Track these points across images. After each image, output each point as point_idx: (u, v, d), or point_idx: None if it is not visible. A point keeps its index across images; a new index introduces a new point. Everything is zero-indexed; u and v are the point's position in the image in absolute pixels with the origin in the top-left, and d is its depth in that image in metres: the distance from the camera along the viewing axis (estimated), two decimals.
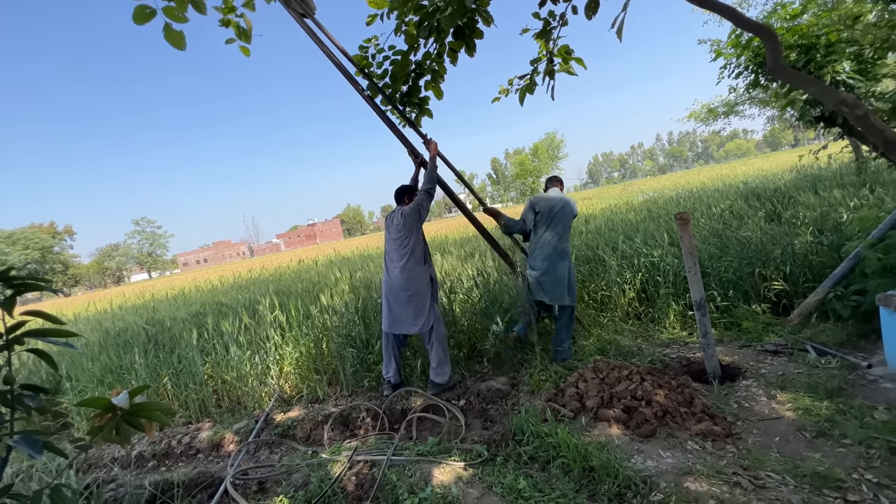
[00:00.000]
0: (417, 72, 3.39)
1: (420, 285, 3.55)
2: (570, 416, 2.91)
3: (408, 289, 3.53)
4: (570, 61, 3.05)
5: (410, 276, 3.53)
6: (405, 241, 3.54)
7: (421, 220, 3.57)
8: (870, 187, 5.90)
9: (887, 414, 2.35)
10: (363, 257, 11.00)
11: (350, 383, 4.16)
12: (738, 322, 3.83)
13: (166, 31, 1.77)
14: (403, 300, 3.56)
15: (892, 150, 1.69)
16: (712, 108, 11.08)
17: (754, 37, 3.66)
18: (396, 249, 3.59)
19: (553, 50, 3.09)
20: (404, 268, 3.54)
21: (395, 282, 3.59)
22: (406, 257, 3.53)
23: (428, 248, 3.72)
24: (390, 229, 3.70)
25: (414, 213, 3.54)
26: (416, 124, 3.72)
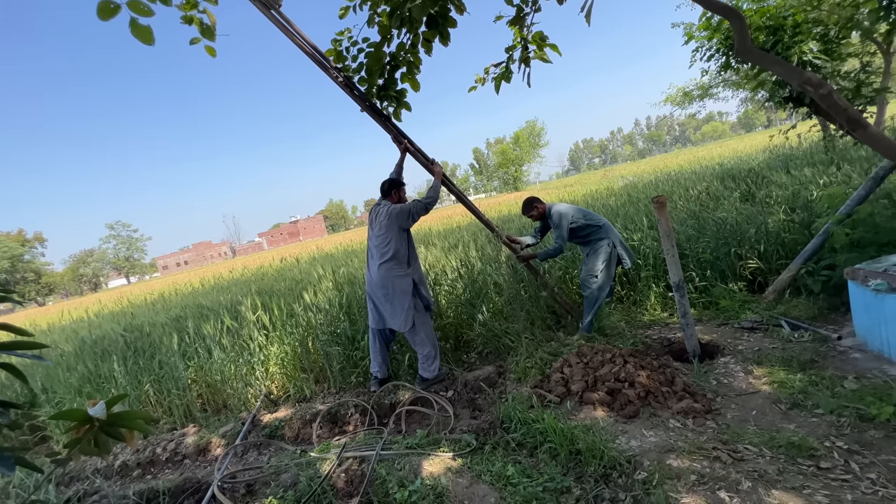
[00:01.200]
0: (392, 64, 3.32)
1: (399, 287, 3.49)
2: (556, 401, 2.95)
3: (385, 287, 3.50)
4: (544, 48, 3.03)
5: (388, 276, 3.49)
6: (386, 241, 3.50)
7: (408, 225, 3.53)
8: (837, 164, 6.09)
9: (856, 383, 2.45)
10: (347, 253, 10.90)
11: (337, 380, 4.13)
12: (716, 301, 3.93)
13: (133, 27, 1.69)
14: (382, 298, 3.55)
15: (854, 127, 1.73)
16: (687, 92, 11.25)
17: (724, 19, 3.69)
18: (377, 247, 3.55)
19: (527, 37, 3.06)
20: (381, 267, 3.51)
21: (374, 279, 3.57)
22: (386, 257, 3.49)
23: (413, 251, 3.66)
24: (373, 225, 3.66)
25: (402, 216, 3.49)
26: (396, 118, 3.65)
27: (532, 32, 2.98)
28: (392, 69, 3.34)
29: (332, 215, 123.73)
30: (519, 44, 3.05)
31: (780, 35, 3.38)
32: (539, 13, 2.95)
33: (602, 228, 3.84)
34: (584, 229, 3.85)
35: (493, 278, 4.61)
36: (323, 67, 3.20)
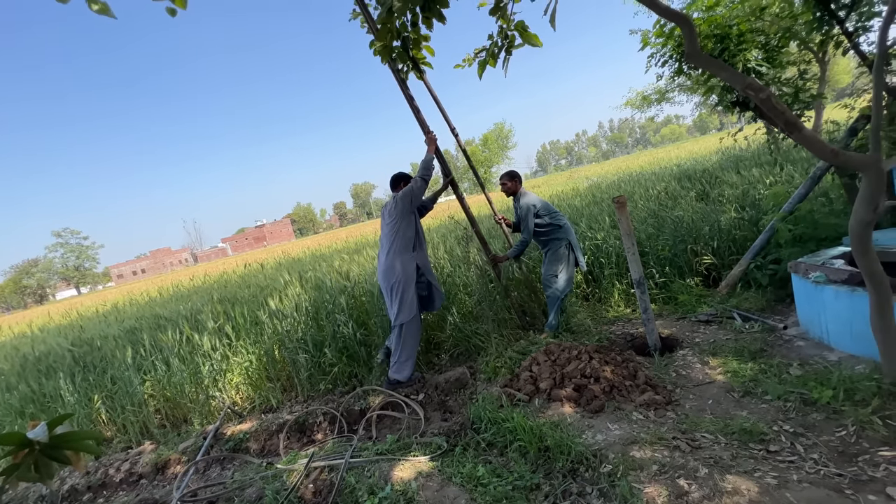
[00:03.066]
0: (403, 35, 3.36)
1: (404, 275, 3.48)
2: (525, 400, 2.98)
3: (389, 277, 3.50)
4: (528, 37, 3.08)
5: (394, 262, 3.49)
6: (395, 227, 3.52)
7: (413, 205, 3.55)
8: (780, 165, 6.51)
9: (800, 369, 2.61)
10: (315, 258, 10.66)
11: (305, 388, 4.03)
12: (675, 296, 4.10)
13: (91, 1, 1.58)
14: (386, 287, 3.55)
15: (791, 130, 1.85)
16: (646, 96, 11.74)
17: (676, 27, 3.87)
18: (387, 235, 3.58)
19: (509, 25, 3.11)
20: (388, 254, 3.53)
21: (381, 269, 3.59)
22: (392, 242, 3.51)
23: (421, 236, 3.66)
24: (384, 217, 3.69)
25: (406, 196, 3.53)
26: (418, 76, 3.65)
27: (514, 22, 3.02)
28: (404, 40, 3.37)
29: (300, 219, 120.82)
30: (501, 33, 3.08)
31: (726, 43, 3.58)
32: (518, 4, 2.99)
33: (562, 229, 3.92)
34: (546, 227, 3.92)
35: (462, 279, 4.63)
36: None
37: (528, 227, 3.84)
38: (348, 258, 7.54)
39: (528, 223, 3.84)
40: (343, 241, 15.59)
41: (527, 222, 3.84)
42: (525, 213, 3.84)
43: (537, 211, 3.86)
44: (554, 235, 3.92)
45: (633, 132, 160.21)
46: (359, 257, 7.12)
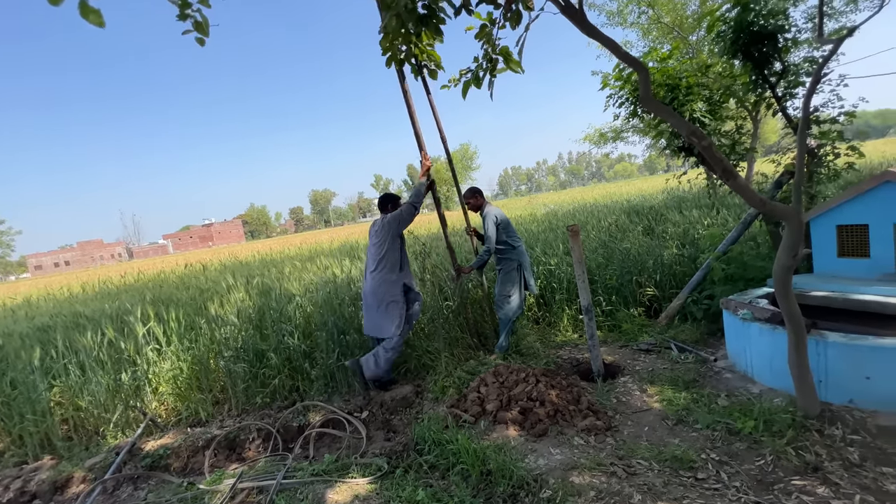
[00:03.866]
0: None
1: (391, 294, 3.56)
2: (470, 421, 2.96)
3: (376, 295, 3.56)
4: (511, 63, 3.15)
5: (380, 282, 3.56)
6: (381, 248, 3.59)
7: (400, 229, 3.63)
8: (717, 209, 7.09)
9: (727, 400, 2.78)
10: (265, 262, 10.18)
11: (240, 401, 3.77)
12: (619, 324, 4.28)
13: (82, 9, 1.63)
14: (373, 306, 3.58)
15: (727, 177, 2.02)
16: (603, 133, 12.44)
17: (634, 72, 4.16)
18: (373, 255, 3.66)
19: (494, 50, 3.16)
20: (374, 274, 3.59)
21: (367, 287, 3.63)
22: (378, 263, 3.58)
23: (406, 257, 3.74)
24: (371, 235, 3.76)
25: (394, 220, 3.61)
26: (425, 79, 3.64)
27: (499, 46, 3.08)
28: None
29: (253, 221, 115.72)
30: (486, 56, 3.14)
31: (676, 93, 3.89)
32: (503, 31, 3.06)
33: (515, 251, 3.99)
34: (501, 244, 3.97)
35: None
36: None
37: (488, 235, 3.88)
38: (300, 266, 7.27)
39: (488, 231, 3.88)
40: (297, 247, 15.04)
41: (487, 231, 3.89)
42: (488, 225, 3.90)
43: (498, 223, 3.92)
44: (506, 255, 3.98)
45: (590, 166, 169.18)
46: (312, 265, 6.88)
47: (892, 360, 2.30)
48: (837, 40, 1.89)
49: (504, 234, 3.95)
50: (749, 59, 3.77)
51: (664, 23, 9.37)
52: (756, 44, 3.69)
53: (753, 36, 3.66)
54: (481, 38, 3.09)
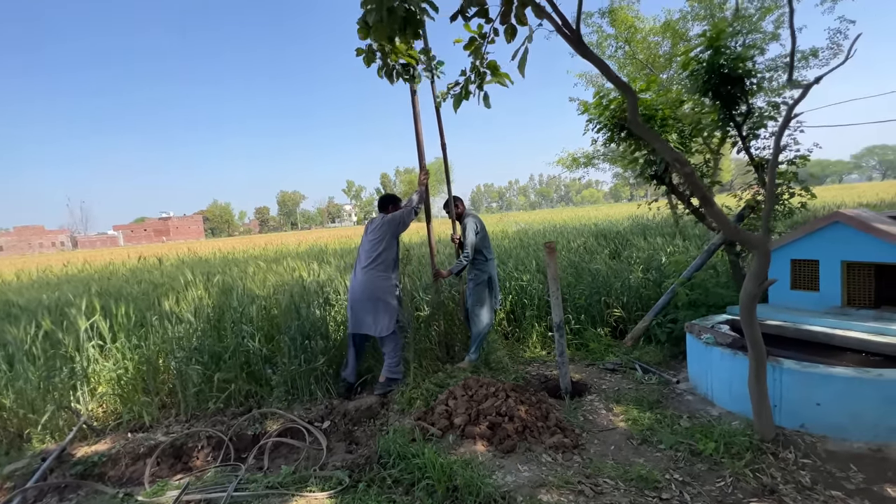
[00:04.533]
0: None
1: (381, 291, 3.57)
2: (438, 435, 2.88)
3: (366, 290, 3.56)
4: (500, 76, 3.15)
5: (372, 278, 3.57)
6: (378, 245, 3.62)
7: (399, 230, 3.70)
8: (681, 237, 7.44)
9: (689, 421, 2.86)
10: (226, 261, 9.73)
11: (190, 406, 3.52)
12: (587, 343, 4.35)
13: None
14: (363, 300, 3.56)
15: (706, 204, 2.10)
16: (576, 158, 12.86)
17: (613, 100, 4.32)
18: (367, 251, 3.67)
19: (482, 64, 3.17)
20: (366, 270, 3.60)
21: (357, 282, 3.62)
22: (372, 260, 3.60)
23: (398, 259, 3.79)
24: (368, 231, 3.77)
25: (395, 220, 3.68)
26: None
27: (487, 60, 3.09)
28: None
29: (215, 218, 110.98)
30: (474, 69, 3.14)
31: (651, 123, 4.07)
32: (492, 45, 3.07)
33: (488, 263, 4.01)
34: (477, 254, 3.97)
35: None
36: None
37: (468, 242, 3.88)
38: (265, 266, 6.98)
39: (468, 238, 3.88)
40: (261, 247, 14.51)
41: (467, 237, 3.89)
42: (468, 231, 3.90)
43: (477, 231, 3.94)
44: (478, 267, 3.98)
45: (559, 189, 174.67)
46: (277, 267, 6.62)
47: (840, 389, 2.44)
48: (807, 85, 2.03)
49: (480, 244, 3.96)
50: (718, 98, 4.01)
51: (639, 59, 9.88)
52: (725, 85, 3.94)
53: (723, 77, 3.91)
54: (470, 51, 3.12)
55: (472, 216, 4.03)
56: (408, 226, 3.77)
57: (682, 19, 9.98)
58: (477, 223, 3.97)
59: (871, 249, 3.14)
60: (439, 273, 4.03)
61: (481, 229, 3.99)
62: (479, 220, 4.02)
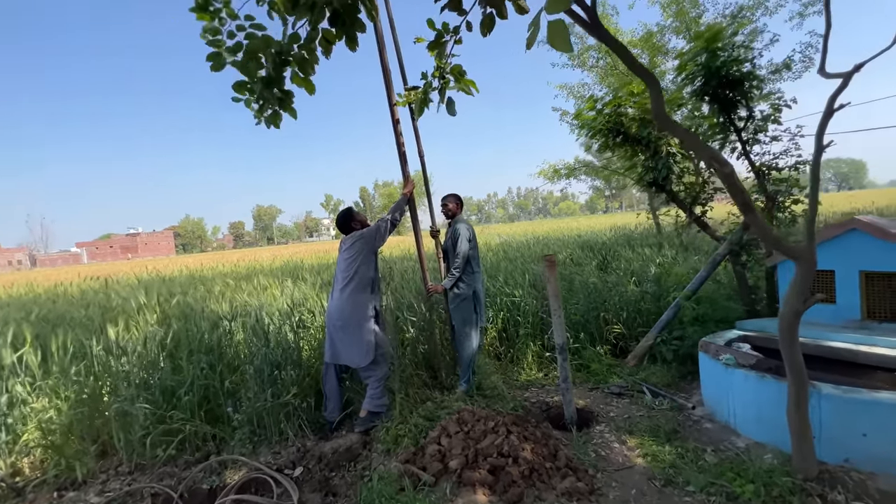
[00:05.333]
0: (282, 58, 2.72)
1: (359, 314, 3.23)
2: (430, 482, 2.46)
3: (343, 316, 3.22)
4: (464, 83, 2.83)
5: (349, 301, 3.23)
6: (353, 263, 3.29)
7: (377, 245, 3.38)
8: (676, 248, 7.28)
9: (715, 456, 2.53)
10: (193, 278, 9.05)
11: (136, 454, 2.97)
12: (587, 364, 4.02)
13: None
14: (339, 327, 3.23)
15: (746, 211, 1.81)
16: (557, 169, 12.79)
17: (607, 104, 4.09)
18: (342, 270, 3.34)
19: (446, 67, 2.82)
20: (343, 291, 3.26)
21: (333, 306, 3.29)
22: (348, 280, 3.26)
23: (378, 277, 3.45)
24: (342, 249, 3.43)
25: (371, 235, 3.37)
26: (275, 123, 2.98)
27: (451, 63, 2.76)
28: (280, 64, 2.75)
29: (187, 233, 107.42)
30: (437, 73, 2.80)
31: (649, 128, 3.84)
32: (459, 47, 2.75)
33: (475, 276, 3.65)
34: (465, 267, 3.62)
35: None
36: None
37: (459, 250, 3.53)
38: (234, 284, 6.43)
39: (461, 248, 3.53)
40: (233, 263, 13.76)
41: (459, 247, 3.53)
42: (459, 242, 3.54)
43: (470, 238, 3.59)
44: (464, 280, 3.61)
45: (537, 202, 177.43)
46: (248, 285, 6.08)
47: (888, 416, 2.16)
48: (847, 74, 1.78)
49: (470, 254, 3.60)
50: (717, 102, 3.83)
51: (619, 71, 9.91)
52: (724, 89, 3.76)
53: (722, 81, 3.73)
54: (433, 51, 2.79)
55: (464, 222, 3.68)
56: (385, 239, 3.41)
57: (659, 33, 10.11)
58: (470, 230, 3.62)
59: (891, 258, 2.94)
60: (433, 289, 3.64)
61: (473, 237, 3.64)
62: (471, 228, 3.67)
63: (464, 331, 3.61)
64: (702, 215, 4.04)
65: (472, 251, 3.61)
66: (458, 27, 2.48)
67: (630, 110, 3.92)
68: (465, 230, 3.58)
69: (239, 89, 2.48)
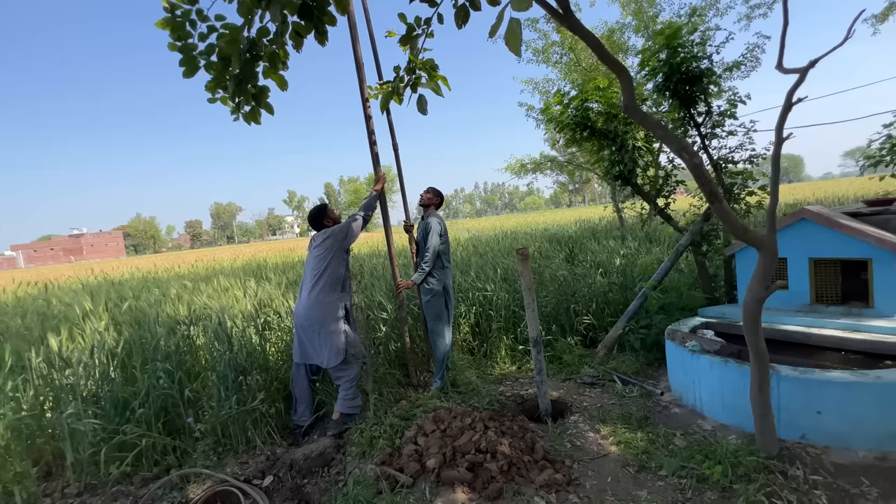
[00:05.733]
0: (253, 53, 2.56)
1: (328, 313, 3.14)
2: (408, 484, 2.41)
3: (311, 315, 3.12)
4: (435, 78, 2.75)
5: (318, 300, 3.14)
6: (322, 261, 3.20)
7: (347, 242, 3.28)
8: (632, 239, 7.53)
9: (684, 440, 2.62)
10: (146, 281, 8.50)
11: (85, 473, 2.74)
12: (559, 355, 4.07)
13: None
14: (307, 327, 3.13)
15: (713, 200, 1.85)
16: (524, 164, 12.95)
17: (574, 98, 4.13)
18: (311, 269, 3.25)
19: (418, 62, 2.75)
20: (312, 290, 3.17)
21: (301, 305, 3.19)
22: (317, 278, 3.17)
23: (348, 275, 3.36)
24: (312, 247, 3.33)
25: (341, 230, 3.27)
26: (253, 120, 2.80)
27: (424, 57, 2.68)
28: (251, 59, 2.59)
29: (138, 233, 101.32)
30: (409, 67, 2.72)
31: (615, 122, 3.91)
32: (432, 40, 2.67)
33: (445, 271, 3.67)
34: (436, 262, 3.62)
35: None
36: None
37: (429, 245, 3.51)
38: (191, 286, 6.07)
39: (431, 242, 3.51)
40: (190, 264, 13.05)
41: (430, 240, 3.51)
42: (430, 236, 3.52)
43: (441, 233, 3.58)
44: (434, 275, 3.61)
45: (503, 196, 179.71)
46: (207, 286, 5.76)
47: (839, 394, 2.30)
48: (804, 69, 1.86)
49: (441, 249, 3.58)
50: (677, 97, 3.95)
51: (582, 67, 10.11)
52: (684, 84, 3.88)
53: (682, 76, 3.85)
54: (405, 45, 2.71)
55: (436, 216, 3.64)
56: (356, 236, 3.33)
57: (619, 30, 10.39)
58: (441, 225, 3.60)
59: (837, 246, 3.13)
60: (403, 285, 3.58)
61: (445, 232, 3.61)
62: (443, 222, 3.64)
63: (436, 328, 3.59)
64: (665, 207, 4.17)
65: (443, 246, 3.59)
66: (429, 19, 2.41)
67: (595, 104, 3.98)
68: (436, 224, 3.55)
69: (212, 89, 2.32)
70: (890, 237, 3.03)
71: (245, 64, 2.56)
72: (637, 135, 3.84)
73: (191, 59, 2.30)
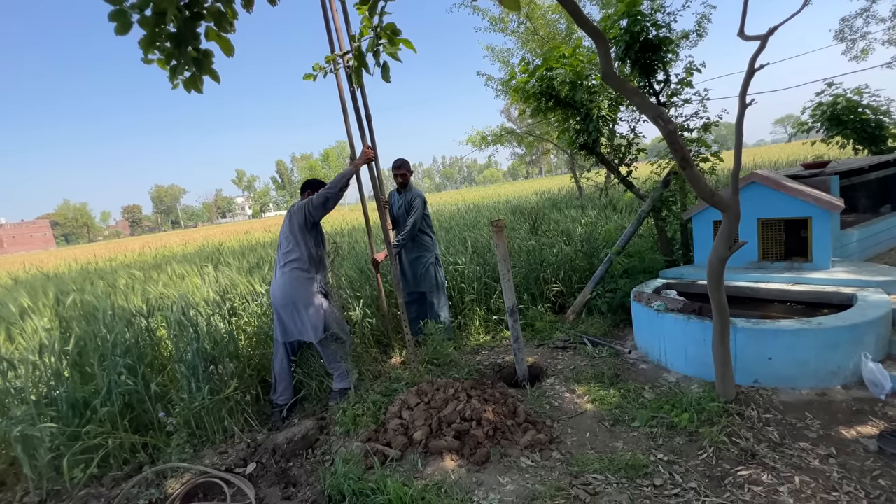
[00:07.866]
0: (194, 10, 2.28)
1: (303, 290, 3.10)
2: (397, 457, 2.44)
3: (287, 293, 3.09)
4: (397, 43, 2.60)
5: (290, 279, 3.10)
6: (290, 237, 3.15)
7: (309, 220, 3.13)
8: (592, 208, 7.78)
9: (652, 392, 2.81)
10: (87, 272, 7.84)
11: (45, 481, 2.56)
12: (532, 323, 4.21)
13: None
14: (285, 306, 3.11)
15: (684, 166, 1.93)
16: (484, 136, 12.86)
17: (539, 67, 4.11)
18: (282, 246, 3.20)
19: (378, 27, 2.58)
20: (284, 269, 3.13)
21: (276, 285, 3.16)
22: (290, 258, 3.12)
23: (322, 252, 3.27)
24: (283, 225, 3.26)
25: (301, 209, 3.14)
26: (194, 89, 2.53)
27: (384, 22, 2.52)
28: (192, 17, 2.30)
29: (68, 222, 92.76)
30: (368, 32, 2.55)
31: (581, 90, 3.93)
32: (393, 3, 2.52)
33: (433, 240, 3.82)
34: (424, 233, 3.82)
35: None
36: None
37: (416, 218, 3.64)
38: (142, 276, 5.67)
39: (415, 215, 3.63)
40: (135, 253, 12.17)
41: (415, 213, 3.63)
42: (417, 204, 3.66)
43: (425, 212, 3.82)
44: (427, 248, 3.85)
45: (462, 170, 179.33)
46: (161, 275, 5.40)
47: (787, 341, 2.54)
48: (764, 36, 1.93)
49: (425, 223, 3.72)
50: (638, 66, 4.03)
51: (539, 35, 10.04)
52: (644, 52, 3.95)
53: (642, 45, 3.92)
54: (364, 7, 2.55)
55: (420, 193, 3.77)
56: (321, 211, 3.12)
57: None
58: (424, 198, 3.77)
59: (782, 206, 3.39)
60: (378, 258, 3.62)
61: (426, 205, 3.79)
62: (425, 199, 3.74)
63: (440, 297, 3.89)
64: (628, 175, 4.31)
65: (426, 218, 3.80)
66: None
67: (560, 71, 3.98)
68: (420, 202, 3.71)
69: (146, 47, 2.06)
70: (826, 196, 3.32)
71: (184, 22, 2.30)
72: (602, 104, 3.91)
73: (122, 13, 2.00)
